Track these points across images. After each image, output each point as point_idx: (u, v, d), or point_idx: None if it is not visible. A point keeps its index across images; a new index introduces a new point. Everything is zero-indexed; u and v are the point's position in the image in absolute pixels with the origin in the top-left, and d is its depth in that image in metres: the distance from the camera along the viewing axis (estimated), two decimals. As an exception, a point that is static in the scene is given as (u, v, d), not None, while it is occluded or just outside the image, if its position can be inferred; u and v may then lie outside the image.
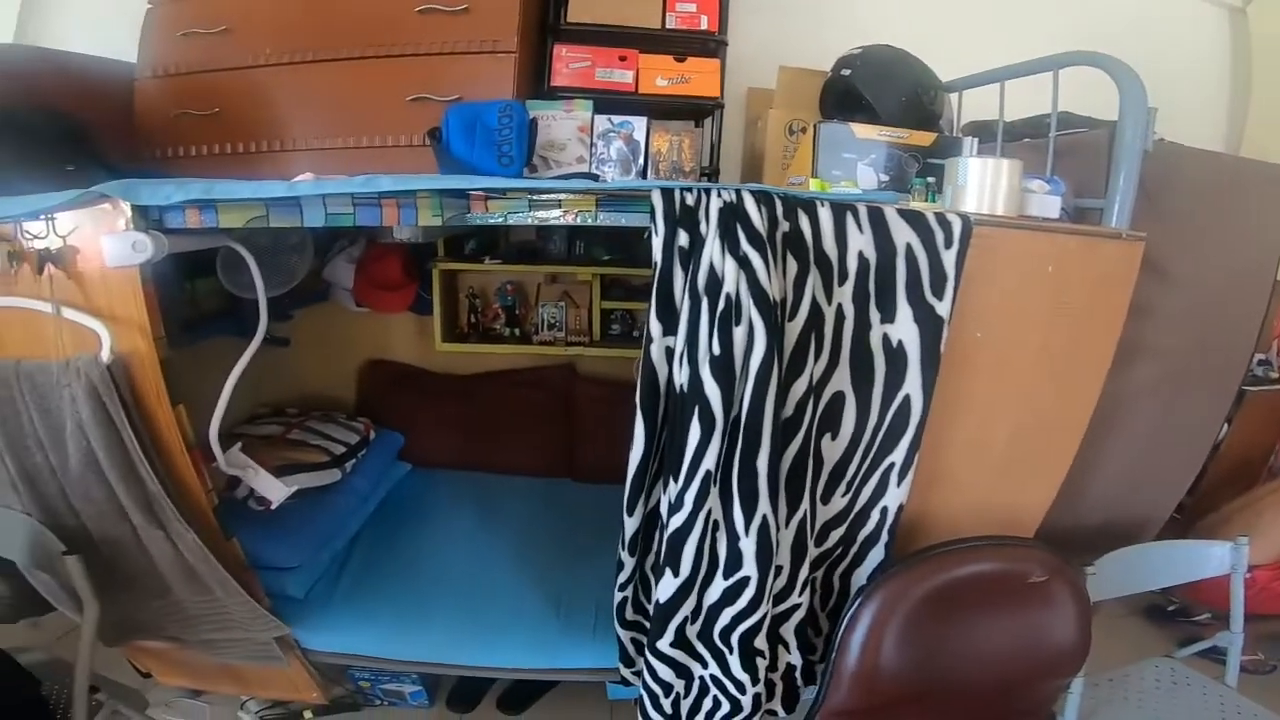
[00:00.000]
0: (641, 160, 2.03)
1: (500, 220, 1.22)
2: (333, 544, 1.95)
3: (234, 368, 1.44)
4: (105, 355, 1.19)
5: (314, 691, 1.76)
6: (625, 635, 1.54)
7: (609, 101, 2.04)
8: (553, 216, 1.22)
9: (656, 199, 1.15)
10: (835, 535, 1.41)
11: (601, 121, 2.01)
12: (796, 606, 1.38)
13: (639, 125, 2.03)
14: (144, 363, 1.23)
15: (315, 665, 1.71)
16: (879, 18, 2.43)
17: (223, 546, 1.44)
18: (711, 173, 2.20)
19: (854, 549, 1.43)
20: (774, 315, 1.13)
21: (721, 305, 1.13)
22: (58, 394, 1.21)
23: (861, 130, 1.65)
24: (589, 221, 1.22)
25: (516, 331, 2.45)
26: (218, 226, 1.22)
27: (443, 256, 2.34)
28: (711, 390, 1.15)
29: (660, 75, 2.08)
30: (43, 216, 1.19)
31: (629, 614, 1.51)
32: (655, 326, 1.19)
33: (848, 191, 1.52)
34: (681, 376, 1.18)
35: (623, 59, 2.06)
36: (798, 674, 1.48)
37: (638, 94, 2.08)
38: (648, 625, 1.49)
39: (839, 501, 1.38)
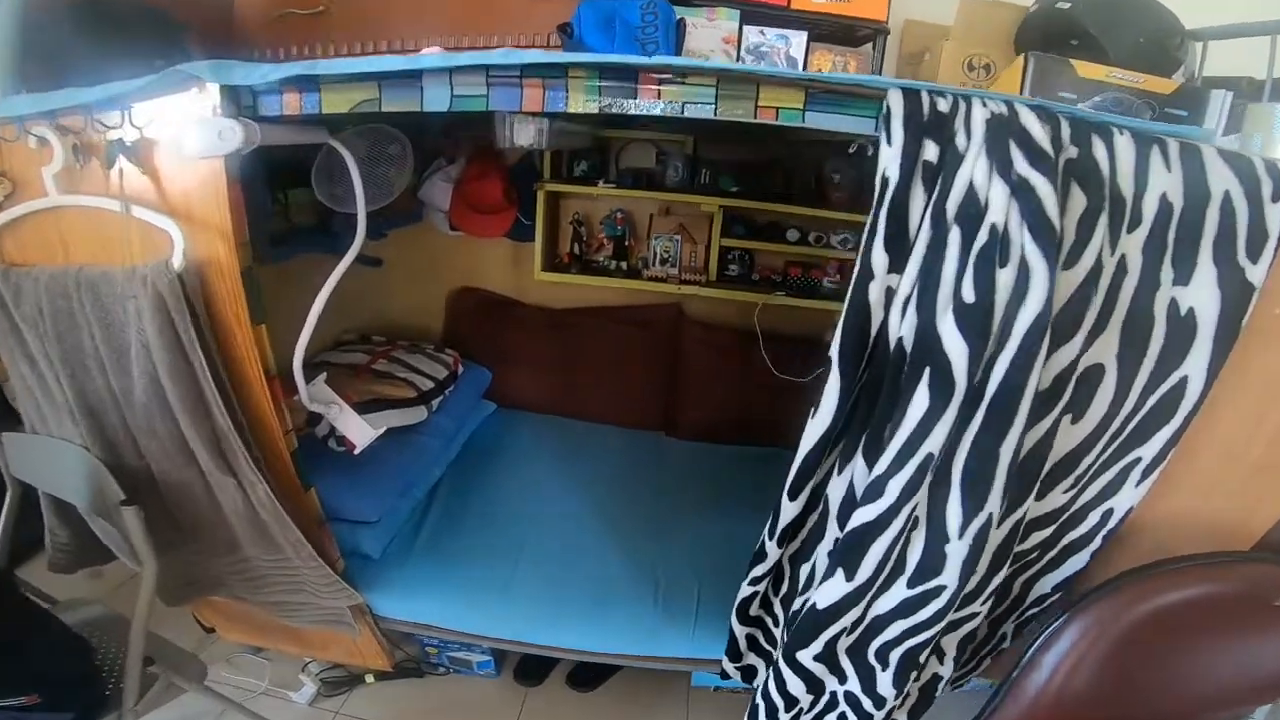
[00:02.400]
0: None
1: (673, 112, 0.94)
2: (413, 493, 1.78)
3: (324, 285, 1.22)
4: (177, 260, 0.97)
5: (381, 658, 1.62)
6: (742, 631, 1.37)
7: (756, 14, 1.68)
8: (744, 112, 0.92)
9: (895, 100, 0.88)
10: (1038, 537, 1.18)
11: (752, 34, 1.66)
12: (973, 616, 1.20)
13: (797, 41, 1.67)
14: (223, 273, 1.02)
15: (385, 632, 1.57)
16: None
17: (298, 498, 1.26)
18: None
19: (1053, 553, 1.20)
20: (1057, 258, 0.85)
21: (983, 239, 0.85)
22: (121, 306, 1.01)
23: (1086, 68, 1.38)
24: (794, 121, 0.94)
25: (623, 265, 2.18)
26: (319, 112, 1.00)
27: (549, 178, 2.06)
28: (955, 347, 0.88)
29: (820, -10, 1.70)
30: (119, 106, 0.99)
31: (753, 609, 1.32)
32: (878, 258, 0.91)
33: (1147, 122, 1.20)
34: (904, 327, 0.91)
35: (775, -33, 1.69)
36: (941, 685, 1.28)
37: (789, 9, 1.70)
38: (769, 621, 1.33)
39: (1057, 498, 1.13)
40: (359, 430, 1.44)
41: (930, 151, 0.87)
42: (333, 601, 1.39)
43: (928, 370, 0.89)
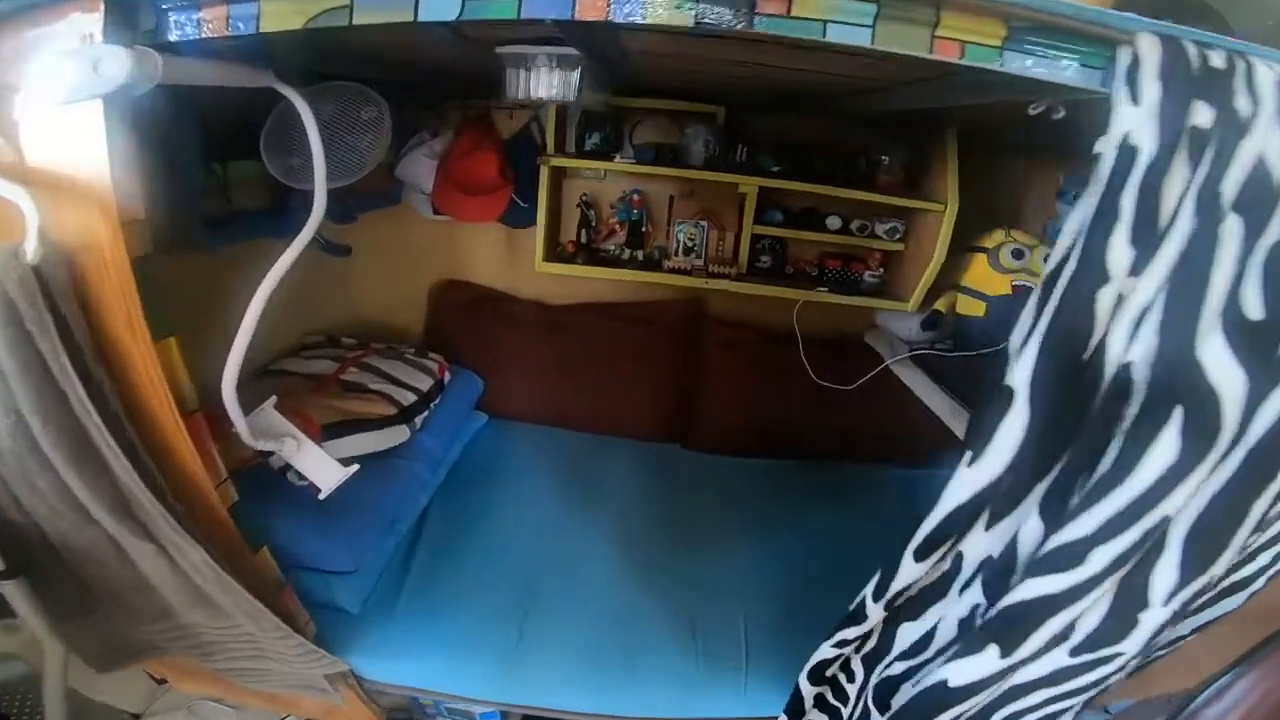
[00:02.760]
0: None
1: (809, 34, 0.64)
2: (396, 530, 1.47)
3: (266, 277, 0.90)
4: (30, 246, 0.65)
5: (368, 718, 1.34)
6: (811, 690, 1.17)
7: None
8: (914, 44, 0.64)
9: (1148, 47, 0.64)
10: (1206, 582, 0.97)
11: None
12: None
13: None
14: (106, 264, 0.70)
15: (370, 692, 1.29)
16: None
17: (246, 560, 0.95)
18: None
19: (1210, 594, 1.00)
20: None
21: (1277, 233, 0.58)
22: (-39, 313, 0.69)
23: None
24: (986, 61, 0.66)
25: (638, 255, 1.87)
26: (257, 31, 0.70)
27: (553, 152, 1.74)
28: (1227, 379, 0.62)
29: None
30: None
31: (831, 670, 1.15)
32: (1119, 255, 0.64)
33: None
34: (1136, 349, 0.65)
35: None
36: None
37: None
38: (843, 678, 1.16)
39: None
40: (324, 470, 1.13)
41: (1202, 115, 0.61)
42: (306, 670, 1.11)
43: (1180, 410, 0.62)
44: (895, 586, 0.94)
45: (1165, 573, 0.74)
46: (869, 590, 1.00)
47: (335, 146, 1.39)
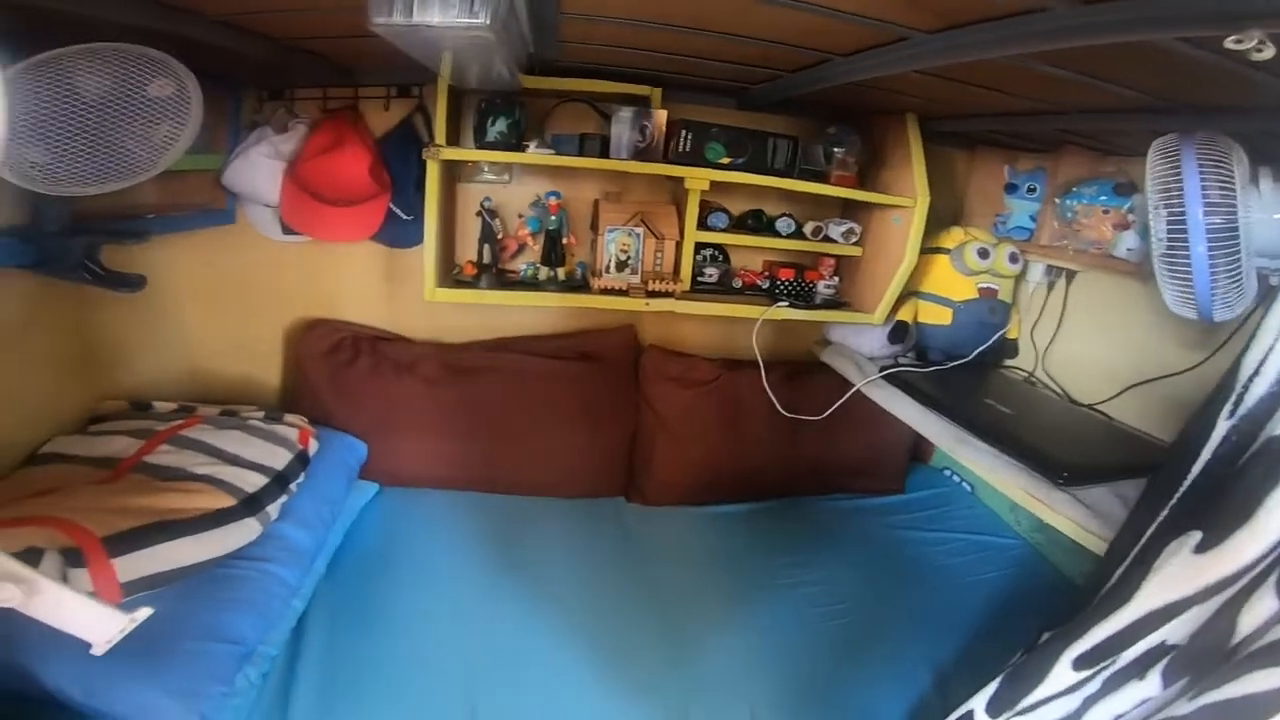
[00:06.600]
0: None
1: None
2: (260, 659, 1.02)
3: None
4: None
5: None
6: None
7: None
8: None
9: None
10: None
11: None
12: None
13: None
14: None
15: None
16: None
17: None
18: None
19: None
20: None
21: None
22: None
23: None
24: None
25: (558, 273, 1.50)
26: None
27: (443, 142, 1.33)
28: None
29: None
30: None
31: None
32: None
33: None
34: None
35: None
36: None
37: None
38: None
39: None
40: (88, 617, 0.68)
41: None
42: None
43: None
44: (1033, 698, 0.76)
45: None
46: (979, 703, 0.82)
47: (111, 134, 0.96)
